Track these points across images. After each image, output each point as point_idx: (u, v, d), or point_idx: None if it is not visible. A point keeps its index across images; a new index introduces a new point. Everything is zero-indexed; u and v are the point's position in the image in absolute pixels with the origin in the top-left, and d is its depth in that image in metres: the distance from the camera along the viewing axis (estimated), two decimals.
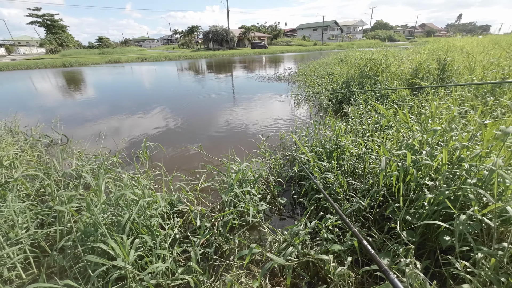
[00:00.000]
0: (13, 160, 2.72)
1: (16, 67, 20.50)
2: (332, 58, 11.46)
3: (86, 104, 7.52)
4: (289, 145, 3.68)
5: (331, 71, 8.18)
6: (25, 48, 47.96)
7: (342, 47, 40.05)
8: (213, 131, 4.75)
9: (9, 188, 2.04)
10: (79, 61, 24.00)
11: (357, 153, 2.43)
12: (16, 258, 1.64)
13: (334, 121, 3.02)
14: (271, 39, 55.50)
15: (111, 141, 4.28)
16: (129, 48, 46.94)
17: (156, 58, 27.92)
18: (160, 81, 12.29)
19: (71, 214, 1.89)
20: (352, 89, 5.46)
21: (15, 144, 3.56)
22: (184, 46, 51.66)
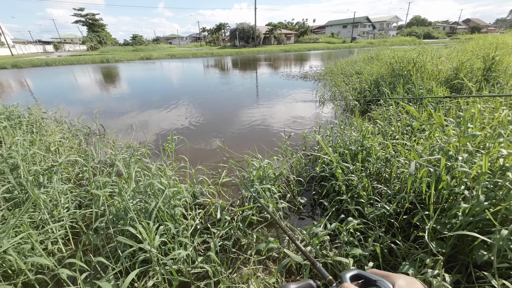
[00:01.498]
0: (58, 147, 3.02)
1: (62, 63, 22.58)
2: (361, 56, 10.96)
3: (119, 98, 8.07)
4: (312, 145, 3.62)
5: (359, 69, 7.83)
6: (70, 45, 52.64)
7: (373, 44, 38.08)
8: (235, 127, 4.82)
9: (54, 171, 2.27)
10: (115, 58, 25.75)
11: (384, 156, 2.32)
12: (58, 233, 1.83)
13: (361, 122, 2.90)
14: (297, 37, 54.54)
15: (141, 133, 4.55)
16: (159, 45, 49.25)
17: (184, 55, 28.94)
18: (187, 78, 12.74)
19: (105, 198, 2.06)
20: (382, 89, 5.18)
21: (59, 132, 3.94)
22: (211, 43, 52.86)
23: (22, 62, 21.38)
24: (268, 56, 26.74)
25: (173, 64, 20.91)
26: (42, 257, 1.50)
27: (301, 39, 53.90)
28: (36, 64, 21.39)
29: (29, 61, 21.86)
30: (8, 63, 20.77)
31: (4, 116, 3.62)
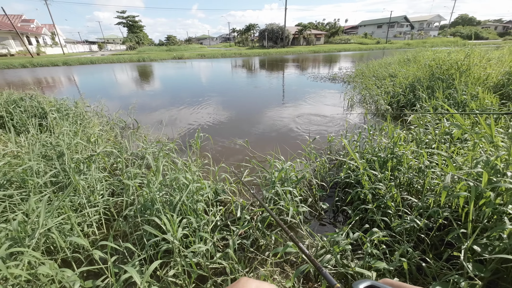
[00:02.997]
0: (97, 138, 3.30)
1: (104, 61, 24.64)
2: (396, 58, 10.31)
3: (152, 94, 8.57)
4: (337, 149, 3.49)
5: (394, 72, 7.38)
6: (112, 45, 57.20)
7: (410, 45, 35.65)
8: (259, 127, 4.84)
9: (93, 160, 2.48)
10: (150, 57, 27.40)
11: (417, 166, 2.16)
12: (93, 217, 2.00)
13: (392, 128, 2.73)
14: (328, 37, 53.06)
15: (169, 128, 4.78)
16: (191, 45, 51.32)
17: (213, 55, 29.79)
18: (215, 77, 13.10)
19: (135, 188, 2.20)
20: (418, 93, 4.82)
21: (99, 124, 4.30)
22: (240, 44, 53.67)
23: (71, 60, 23.74)
24: (296, 57, 26.41)
25: (203, 64, 21.64)
26: (79, 237, 1.65)
27: (332, 39, 52.30)
28: (82, 62, 23.60)
29: (77, 59, 24.20)
30: (60, 61, 23.21)
31: (55, 109, 4.05)
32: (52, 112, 3.94)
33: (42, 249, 1.68)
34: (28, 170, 2.20)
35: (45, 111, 3.98)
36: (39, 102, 4.22)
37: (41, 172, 2.30)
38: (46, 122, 3.79)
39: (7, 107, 4.00)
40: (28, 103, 4.13)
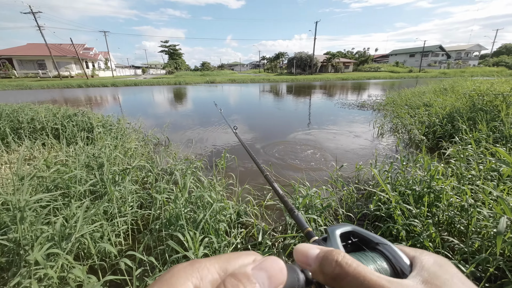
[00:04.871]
0: (133, 153, 3.57)
1: (145, 83, 27.32)
2: (431, 87, 9.89)
3: (184, 114, 9.15)
4: (366, 179, 3.32)
5: (429, 101, 7.04)
6: (153, 70, 63.59)
7: (447, 74, 34.09)
8: (284, 151, 4.83)
9: (127, 173, 2.67)
10: (185, 81, 29.76)
11: (459, 203, 1.95)
12: (122, 228, 2.10)
13: (429, 160, 2.55)
14: (357, 65, 53.16)
15: (198, 147, 5.00)
16: (223, 71, 54.95)
17: (243, 80, 31.37)
18: (243, 100, 13.66)
19: (162, 202, 2.29)
20: (457, 124, 4.50)
21: (136, 140, 4.67)
22: (269, 70, 56.11)
23: (118, 82, 26.73)
24: (323, 84, 26.67)
25: (233, 88, 22.83)
26: (109, 245, 1.74)
27: (361, 67, 52.24)
28: (127, 83, 26.43)
29: (123, 81, 27.20)
30: (109, 82, 26.28)
31: (101, 124, 4.52)
32: (98, 127, 4.40)
33: (74, 253, 1.79)
34: (73, 178, 2.43)
35: (92, 126, 4.45)
36: (89, 118, 4.75)
37: (83, 180, 2.52)
38: (93, 135, 4.22)
39: (63, 121, 4.56)
40: (80, 118, 4.68)
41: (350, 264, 0.21)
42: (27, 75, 34.23)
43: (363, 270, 0.20)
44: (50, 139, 4.02)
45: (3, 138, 4.13)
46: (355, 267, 0.20)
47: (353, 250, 0.28)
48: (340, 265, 0.21)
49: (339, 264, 0.21)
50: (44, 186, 2.31)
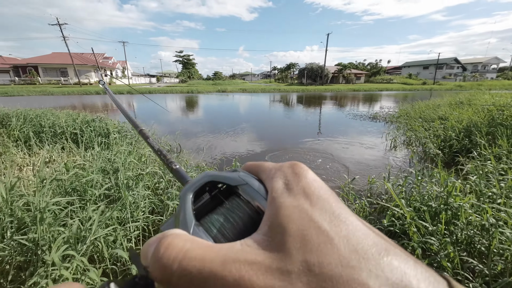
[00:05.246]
0: (146, 159, 3.66)
1: (159, 91, 28.21)
2: (447, 100, 9.67)
3: (196, 122, 9.33)
4: (379, 193, 3.24)
5: (444, 115, 6.87)
6: (167, 79, 65.71)
7: (463, 87, 33.24)
8: (294, 161, 4.80)
9: (141, 179, 2.74)
10: (198, 89, 30.51)
11: (479, 222, 1.87)
12: (134, 233, 2.14)
13: (445, 175, 2.47)
14: (369, 76, 52.85)
15: (208, 154, 5.06)
16: (234, 80, 56.04)
17: (254, 90, 31.80)
18: (253, 109, 13.80)
19: (173, 209, 2.32)
20: (475, 139, 4.35)
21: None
22: (280, 80, 56.71)
23: (133, 89, 27.75)
24: (334, 95, 26.60)
25: (243, 97, 23.17)
26: (122, 250, 1.77)
27: (373, 79, 51.86)
28: (142, 91, 27.37)
29: (138, 89, 28.20)
30: (125, 90, 27.33)
31: (117, 130, 4.69)
32: (114, 133, 4.56)
33: (88, 256, 1.83)
34: (90, 182, 2.52)
35: (109, 132, 4.62)
36: (106, 124, 4.95)
37: (98, 184, 2.60)
38: (109, 141, 4.37)
39: (82, 126, 4.77)
40: (97, 124, 4.88)
41: (174, 257, 0.16)
42: (50, 81, 36.23)
43: (190, 254, 0.16)
44: (69, 143, 4.19)
45: (26, 141, 4.36)
46: (180, 258, 0.16)
47: (218, 204, 0.24)
48: (161, 260, 0.16)
49: (160, 258, 0.16)
50: (62, 189, 2.40)
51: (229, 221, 0.21)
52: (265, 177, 0.22)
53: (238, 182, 0.23)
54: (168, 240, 0.17)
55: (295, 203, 0.18)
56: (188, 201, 0.23)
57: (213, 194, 0.24)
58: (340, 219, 0.17)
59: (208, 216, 0.22)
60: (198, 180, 0.24)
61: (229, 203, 0.23)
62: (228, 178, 0.24)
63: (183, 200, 0.23)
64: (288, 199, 0.18)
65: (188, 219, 0.21)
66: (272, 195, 0.19)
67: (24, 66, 36.95)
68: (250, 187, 0.22)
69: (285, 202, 0.18)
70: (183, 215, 0.21)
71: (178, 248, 0.16)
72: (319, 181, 0.20)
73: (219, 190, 0.25)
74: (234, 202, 0.23)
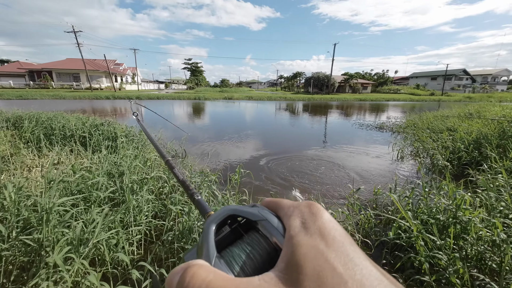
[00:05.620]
0: (152, 163, 3.70)
1: (167, 97, 28.73)
2: (455, 111, 9.52)
3: (202, 128, 9.42)
4: (385, 204, 3.17)
5: (452, 126, 6.75)
6: (176, 85, 66.99)
7: (472, 99, 32.75)
8: (299, 169, 4.77)
9: (145, 183, 2.76)
10: (205, 96, 30.95)
11: (490, 237, 1.80)
12: (136, 237, 2.14)
13: (454, 188, 2.41)
14: (375, 86, 52.68)
15: (213, 160, 5.08)
16: (241, 88, 56.70)
17: (260, 98, 32.05)
18: (259, 117, 13.86)
19: (176, 214, 2.32)
20: (485, 151, 4.24)
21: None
22: (286, 89, 57.09)
23: (142, 95, 28.34)
24: (340, 104, 26.55)
25: (249, 104, 23.35)
26: (123, 254, 1.77)
27: (380, 89, 51.65)
28: (150, 97, 27.94)
29: (147, 95, 28.83)
30: (134, 95, 27.95)
31: (124, 134, 4.77)
32: (121, 137, 4.64)
33: (89, 259, 1.84)
34: (95, 185, 2.55)
35: (116, 135, 4.71)
36: (114, 128, 5.04)
37: (104, 187, 2.63)
38: (116, 144, 4.44)
39: (90, 129, 4.87)
40: (106, 128, 4.97)
41: (198, 287, 0.18)
42: (63, 86, 37.40)
43: (213, 285, 0.17)
44: (78, 146, 4.28)
45: (37, 143, 4.47)
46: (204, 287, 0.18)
47: (237, 237, 0.25)
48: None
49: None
50: (68, 190, 2.44)
51: (248, 255, 0.22)
52: (283, 214, 0.24)
53: (257, 217, 0.24)
54: (193, 270, 0.19)
55: (312, 243, 0.19)
56: (211, 233, 0.24)
57: (233, 227, 0.26)
58: (354, 262, 0.17)
59: (228, 249, 0.23)
60: (220, 213, 0.26)
61: (248, 238, 0.24)
62: (249, 213, 0.25)
63: (206, 232, 0.24)
64: (304, 238, 0.19)
65: (210, 251, 0.22)
66: (290, 233, 0.21)
67: (39, 70, 38.32)
68: (269, 223, 0.23)
69: (301, 241, 0.19)
70: (206, 246, 0.23)
71: (201, 278, 0.18)
72: (335, 222, 0.21)
73: (239, 224, 0.26)
74: (253, 237, 0.24)
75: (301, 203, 0.24)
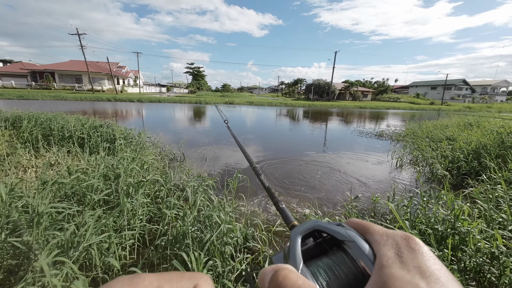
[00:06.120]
0: (149, 166, 3.67)
1: (168, 101, 28.83)
2: (455, 120, 9.54)
3: (201, 132, 9.41)
4: (383, 212, 3.13)
5: (452, 135, 6.75)
6: (177, 89, 67.37)
7: (472, 109, 32.90)
8: (297, 176, 4.74)
9: (141, 186, 2.73)
10: (206, 100, 31.07)
11: (488, 250, 1.76)
12: (129, 241, 2.10)
13: (452, 198, 2.38)
14: (375, 95, 53.01)
15: (211, 164, 5.05)
16: (242, 93, 57.01)
17: (261, 103, 32.18)
18: (259, 122, 13.88)
19: (170, 218, 2.28)
20: (485, 162, 4.23)
21: (153, 154, 4.83)
22: (287, 95, 57.41)
23: (143, 98, 28.45)
24: (340, 111, 26.64)
25: (250, 109, 23.43)
26: (114, 259, 1.73)
27: (380, 97, 51.95)
28: (151, 100, 28.04)
29: (148, 98, 28.92)
30: (135, 98, 28.05)
31: (123, 136, 4.75)
32: (120, 139, 4.63)
33: (79, 263, 1.79)
34: (90, 187, 2.52)
35: (115, 137, 4.69)
36: (113, 130, 5.03)
37: (99, 189, 2.60)
38: (114, 146, 4.43)
39: (89, 131, 4.86)
40: (105, 130, 4.96)
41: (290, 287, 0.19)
42: (65, 87, 37.58)
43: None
44: (75, 147, 4.26)
45: (35, 143, 4.45)
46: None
47: (320, 251, 0.26)
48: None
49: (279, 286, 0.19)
50: (62, 192, 2.41)
51: (333, 272, 0.23)
52: (373, 240, 0.23)
53: (344, 237, 0.25)
54: (285, 272, 0.20)
55: (408, 279, 0.18)
56: (298, 242, 0.26)
57: (318, 241, 0.27)
58: None
59: (314, 261, 0.24)
60: (308, 226, 0.27)
61: (334, 255, 0.24)
62: (335, 232, 0.26)
63: (294, 240, 0.26)
64: (400, 271, 0.18)
65: (297, 259, 0.24)
66: (382, 263, 0.20)
67: (41, 71, 38.57)
68: (357, 246, 0.23)
69: (396, 274, 0.18)
70: (293, 254, 0.24)
71: (292, 281, 0.19)
72: (439, 262, 0.20)
73: (324, 239, 0.27)
74: (339, 255, 0.24)
75: (397, 233, 0.23)
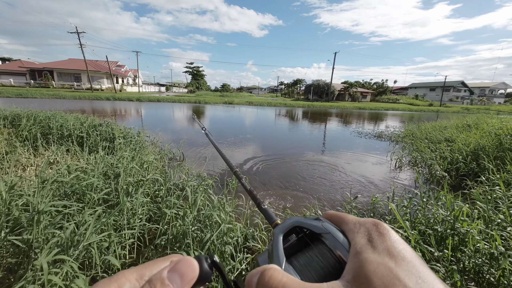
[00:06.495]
0: (149, 165, 3.66)
1: (167, 100, 28.78)
2: (454, 122, 9.59)
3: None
4: (382, 213, 3.14)
5: (450, 137, 6.78)
6: (176, 88, 67.24)
7: (470, 111, 33.06)
8: (296, 175, 4.75)
9: (141, 185, 2.72)
10: (205, 100, 31.05)
11: (488, 250, 1.78)
12: (129, 241, 2.10)
13: (452, 198, 2.39)
14: (375, 96, 53.14)
15: (211, 164, 5.05)
16: (241, 93, 57.01)
17: (260, 103, 32.19)
18: (258, 122, 13.88)
19: (171, 218, 2.28)
20: (483, 163, 4.25)
21: (153, 153, 4.82)
22: (286, 95, 57.45)
23: (143, 97, 28.39)
24: (340, 112, 26.69)
25: (249, 109, 23.43)
26: (114, 258, 1.72)
27: (379, 98, 52.09)
28: (151, 99, 27.98)
29: (147, 97, 28.86)
30: (135, 97, 27.99)
31: (122, 135, 4.74)
32: (119, 138, 4.61)
33: (79, 262, 1.79)
34: (89, 186, 2.51)
35: (114, 137, 4.68)
36: (112, 129, 5.01)
37: (98, 188, 2.59)
38: (113, 145, 4.41)
39: (88, 129, 4.85)
40: (104, 128, 4.95)
41: (275, 286, 0.20)
42: (64, 86, 37.42)
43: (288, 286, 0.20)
44: (74, 146, 4.24)
45: (34, 141, 4.43)
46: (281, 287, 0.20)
47: (302, 246, 0.27)
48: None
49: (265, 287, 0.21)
50: (62, 191, 2.40)
51: (314, 264, 0.24)
52: (347, 229, 0.25)
53: (322, 230, 0.26)
54: (271, 272, 0.21)
55: (380, 261, 0.19)
56: (280, 240, 0.27)
57: (299, 236, 0.28)
58: (427, 283, 0.18)
59: (297, 256, 0.26)
60: (288, 223, 0.29)
61: (315, 248, 0.26)
62: (312, 225, 0.27)
63: (276, 239, 0.27)
64: (372, 255, 0.20)
65: (280, 257, 0.25)
66: (356, 249, 0.22)
67: (40, 70, 38.40)
68: (333, 236, 0.25)
69: (369, 258, 0.20)
70: (276, 252, 0.26)
71: (277, 280, 0.20)
72: (404, 242, 0.22)
73: (305, 234, 0.28)
74: (319, 247, 0.26)
75: (367, 220, 0.24)
